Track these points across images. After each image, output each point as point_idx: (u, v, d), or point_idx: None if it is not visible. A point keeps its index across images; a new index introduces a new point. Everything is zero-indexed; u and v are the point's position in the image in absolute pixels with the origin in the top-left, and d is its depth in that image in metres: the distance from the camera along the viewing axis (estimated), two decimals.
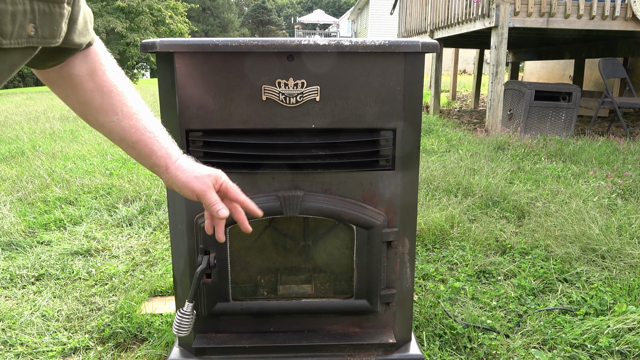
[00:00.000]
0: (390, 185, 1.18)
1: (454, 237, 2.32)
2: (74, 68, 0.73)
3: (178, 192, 0.85)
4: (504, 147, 4.34)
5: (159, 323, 1.59)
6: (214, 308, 1.22)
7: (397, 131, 1.14)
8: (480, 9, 5.16)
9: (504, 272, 1.97)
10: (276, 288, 1.33)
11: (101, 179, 3.37)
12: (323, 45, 1.06)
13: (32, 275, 1.97)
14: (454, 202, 2.74)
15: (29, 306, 1.73)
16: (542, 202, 2.75)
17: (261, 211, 0.92)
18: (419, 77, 1.12)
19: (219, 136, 1.12)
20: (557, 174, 3.41)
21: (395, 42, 1.08)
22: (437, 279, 1.93)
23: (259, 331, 1.29)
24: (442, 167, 3.55)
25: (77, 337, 1.54)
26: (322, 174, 1.16)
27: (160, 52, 1.06)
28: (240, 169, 1.14)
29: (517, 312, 1.68)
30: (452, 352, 1.46)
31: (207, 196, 0.83)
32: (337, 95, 1.11)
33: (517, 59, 9.15)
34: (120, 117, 0.76)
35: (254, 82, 1.08)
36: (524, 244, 2.22)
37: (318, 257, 1.36)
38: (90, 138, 5.14)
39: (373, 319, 1.29)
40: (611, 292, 1.76)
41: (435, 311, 1.65)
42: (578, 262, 2.02)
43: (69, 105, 0.77)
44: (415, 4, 8.14)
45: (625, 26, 4.95)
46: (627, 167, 3.58)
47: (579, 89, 5.19)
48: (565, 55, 7.68)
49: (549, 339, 1.50)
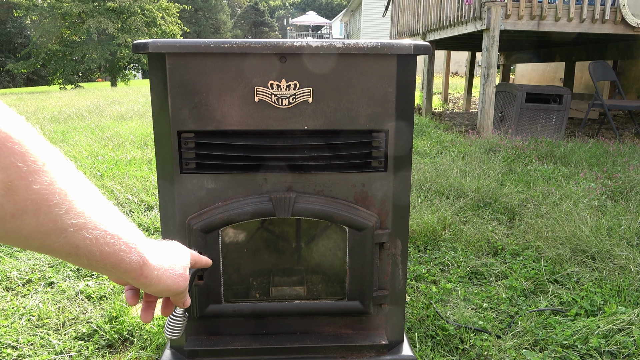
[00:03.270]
0: (383, 186, 1.18)
1: (445, 238, 2.33)
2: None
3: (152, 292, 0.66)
4: (495, 149, 4.37)
5: (150, 326, 1.58)
6: (206, 310, 1.22)
7: (389, 133, 1.14)
8: (472, 11, 5.19)
9: (496, 274, 1.98)
10: (269, 290, 1.32)
11: (92, 180, 3.35)
12: (316, 46, 1.06)
13: (22, 278, 1.95)
14: (445, 204, 2.75)
15: (17, 310, 1.71)
16: (533, 203, 2.77)
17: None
18: (411, 79, 1.13)
19: (211, 137, 1.12)
20: (547, 176, 3.44)
21: (388, 43, 1.08)
22: (429, 280, 1.93)
23: (251, 333, 1.29)
24: (434, 169, 3.56)
25: (66, 340, 1.53)
26: (314, 176, 1.16)
27: (152, 53, 1.06)
28: (232, 170, 1.14)
29: (509, 313, 1.69)
30: (444, 353, 1.47)
31: (185, 292, 0.69)
32: (329, 97, 1.11)
33: (509, 62, 9.22)
34: (71, 233, 0.50)
35: (246, 84, 1.08)
36: (515, 246, 2.23)
37: (311, 258, 1.36)
38: (81, 139, 5.10)
39: (365, 320, 1.29)
40: (601, 293, 1.78)
41: (428, 312, 1.66)
42: (569, 263, 2.04)
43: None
44: (408, 6, 8.18)
45: (615, 29, 5.00)
46: (617, 169, 3.62)
47: (569, 91, 5.24)
48: (556, 58, 7.74)
49: (540, 339, 1.51)
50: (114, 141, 5.00)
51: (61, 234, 0.49)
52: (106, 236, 0.53)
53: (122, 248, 0.56)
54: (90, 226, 0.51)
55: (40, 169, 0.44)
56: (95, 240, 0.52)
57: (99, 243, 0.53)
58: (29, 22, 25.72)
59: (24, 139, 0.42)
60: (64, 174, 0.48)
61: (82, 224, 0.50)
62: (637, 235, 2.26)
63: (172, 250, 0.68)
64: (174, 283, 0.65)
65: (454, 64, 17.75)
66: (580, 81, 8.47)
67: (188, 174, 1.14)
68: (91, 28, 20.84)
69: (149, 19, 22.82)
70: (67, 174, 0.48)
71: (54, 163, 0.46)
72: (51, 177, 0.45)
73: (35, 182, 0.43)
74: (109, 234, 0.54)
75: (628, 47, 6.05)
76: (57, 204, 0.46)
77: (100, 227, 0.52)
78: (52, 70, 22.60)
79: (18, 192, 0.42)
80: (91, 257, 0.53)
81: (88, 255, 0.52)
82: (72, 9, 20.70)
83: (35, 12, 21.13)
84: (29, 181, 0.43)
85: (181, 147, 1.12)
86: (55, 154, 0.47)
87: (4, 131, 0.40)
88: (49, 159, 0.45)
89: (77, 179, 0.50)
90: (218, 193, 1.15)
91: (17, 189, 0.42)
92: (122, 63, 23.28)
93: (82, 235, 0.51)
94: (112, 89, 18.23)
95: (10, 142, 0.41)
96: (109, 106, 9.03)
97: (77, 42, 22.18)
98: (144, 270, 0.60)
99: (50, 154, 0.46)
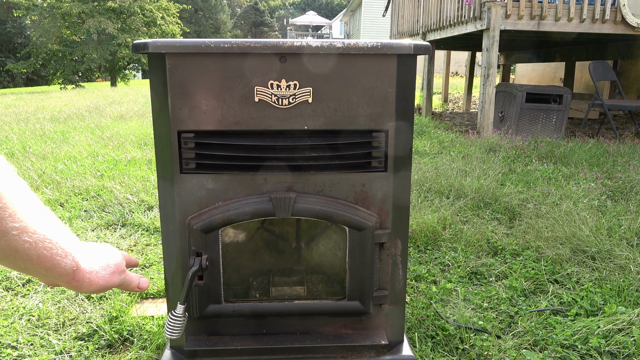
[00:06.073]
0: (383, 186, 1.18)
1: (446, 238, 2.33)
2: None
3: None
4: (495, 149, 4.37)
5: (150, 326, 1.58)
6: (206, 310, 1.22)
7: (389, 133, 1.14)
8: (471, 11, 5.19)
9: (496, 274, 1.98)
10: (268, 290, 1.32)
11: (92, 180, 3.35)
12: (316, 46, 1.06)
13: (22, 278, 1.95)
14: (445, 204, 2.75)
15: (17, 310, 1.71)
16: (533, 203, 2.77)
17: None
18: (411, 79, 1.13)
19: (211, 137, 1.12)
20: (548, 176, 3.44)
21: (388, 43, 1.08)
22: (429, 280, 1.93)
23: (251, 333, 1.29)
24: (434, 169, 3.56)
25: (66, 340, 1.53)
26: (314, 176, 1.16)
27: (152, 53, 1.06)
28: (232, 170, 1.14)
29: (509, 313, 1.69)
30: (444, 353, 1.47)
31: (127, 280, 0.75)
32: (329, 97, 1.11)
33: (509, 62, 9.22)
34: (12, 236, 0.53)
35: (246, 84, 1.08)
36: (515, 246, 2.23)
37: (310, 258, 1.36)
38: (81, 139, 5.10)
39: (365, 320, 1.29)
40: (601, 293, 1.78)
41: (428, 312, 1.66)
42: (569, 263, 2.04)
43: None
44: (408, 6, 8.18)
45: (615, 29, 5.01)
46: (617, 169, 3.61)
47: (569, 91, 5.24)
48: (556, 57, 7.74)
49: (540, 339, 1.51)
50: (114, 141, 5.00)
51: (3, 237, 0.52)
52: (45, 240, 0.56)
53: (58, 252, 0.59)
54: (31, 230, 0.54)
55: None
56: (35, 244, 0.55)
57: (37, 247, 0.56)
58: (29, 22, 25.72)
59: None
60: (5, 181, 0.52)
61: (23, 227, 0.53)
62: (637, 235, 2.26)
63: (103, 251, 0.73)
64: (105, 282, 0.69)
65: (454, 64, 17.75)
66: (580, 81, 8.47)
67: (188, 174, 1.14)
68: (91, 28, 20.85)
69: (148, 19, 22.82)
70: (8, 182, 0.52)
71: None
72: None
73: None
74: (47, 238, 0.57)
75: (628, 47, 6.05)
76: (0, 208, 0.50)
77: (39, 232, 0.55)
78: (52, 70, 22.61)
79: None
80: (28, 260, 0.56)
81: (25, 258, 0.55)
82: (72, 9, 20.70)
83: (35, 12, 21.13)
84: None
85: (181, 147, 1.12)
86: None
87: None
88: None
89: (18, 187, 0.54)
90: (218, 193, 1.15)
91: None
92: (122, 63, 23.29)
93: (22, 239, 0.54)
94: (112, 89, 18.23)
95: None
96: (109, 106, 9.03)
97: (77, 42, 22.18)
98: (76, 275, 0.63)
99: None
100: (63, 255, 0.60)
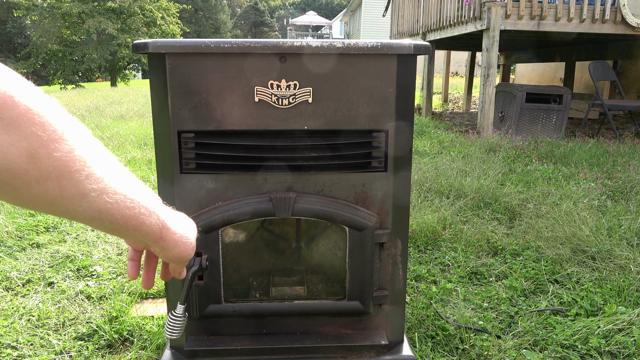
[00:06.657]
0: (383, 186, 1.18)
1: (446, 238, 2.33)
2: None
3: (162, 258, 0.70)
4: (495, 149, 4.37)
5: (150, 326, 1.58)
6: (206, 310, 1.22)
7: (389, 133, 1.14)
8: (471, 11, 5.19)
9: (496, 274, 1.98)
10: (269, 290, 1.32)
11: None
12: (316, 46, 1.06)
13: (22, 278, 1.95)
14: (445, 204, 2.75)
15: (17, 310, 1.71)
16: (533, 203, 2.77)
17: None
18: (411, 79, 1.13)
19: (211, 137, 1.12)
20: (548, 176, 3.44)
21: (388, 43, 1.08)
22: (429, 280, 1.93)
23: (251, 333, 1.29)
24: (434, 169, 3.56)
25: (66, 340, 1.53)
26: (314, 176, 1.16)
27: (152, 53, 1.06)
28: (232, 170, 1.14)
29: (509, 313, 1.69)
30: (444, 353, 1.47)
31: (187, 262, 0.73)
32: (329, 97, 1.11)
33: (509, 62, 9.22)
34: (92, 197, 0.52)
35: (246, 84, 1.08)
36: (515, 246, 2.23)
37: (310, 258, 1.36)
38: None
39: (365, 320, 1.29)
40: (601, 293, 1.78)
41: (428, 312, 1.66)
42: (569, 263, 2.04)
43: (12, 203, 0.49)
44: (408, 6, 8.18)
45: (615, 29, 5.00)
46: (617, 169, 3.61)
47: (569, 91, 5.24)
48: (556, 57, 7.74)
49: (540, 339, 1.51)
50: (114, 141, 5.00)
51: (83, 199, 0.51)
52: (126, 200, 0.56)
53: (141, 211, 0.59)
54: (111, 191, 0.54)
55: (60, 137, 0.46)
56: (116, 204, 0.55)
57: (119, 207, 0.55)
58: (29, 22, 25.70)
59: (42, 110, 0.45)
60: (82, 142, 0.50)
61: (102, 188, 0.52)
62: (637, 235, 2.26)
63: (185, 220, 0.72)
64: (185, 249, 0.68)
65: (454, 64, 17.74)
66: (581, 81, 8.47)
67: (188, 174, 1.14)
68: (91, 28, 20.86)
69: (148, 19, 22.83)
70: (85, 142, 0.51)
71: (72, 132, 0.49)
72: (70, 145, 0.48)
73: (56, 150, 0.46)
74: (129, 198, 0.56)
75: (628, 47, 6.05)
76: (77, 170, 0.49)
77: (119, 192, 0.55)
78: (52, 70, 22.61)
79: (41, 159, 0.45)
80: (114, 220, 0.56)
81: (110, 218, 0.55)
82: (72, 9, 20.70)
83: (35, 12, 21.14)
84: (50, 149, 0.46)
85: (181, 147, 1.12)
86: (73, 124, 0.50)
87: (23, 104, 0.43)
88: (68, 128, 0.48)
89: (95, 147, 0.53)
90: (218, 193, 1.15)
91: (40, 156, 0.45)
92: (122, 63, 23.31)
93: (103, 200, 0.53)
94: (112, 89, 18.22)
95: (30, 113, 0.44)
96: (109, 106, 9.03)
97: (77, 42, 22.19)
98: (163, 233, 0.63)
99: (68, 124, 0.49)
100: (147, 214, 0.59)
